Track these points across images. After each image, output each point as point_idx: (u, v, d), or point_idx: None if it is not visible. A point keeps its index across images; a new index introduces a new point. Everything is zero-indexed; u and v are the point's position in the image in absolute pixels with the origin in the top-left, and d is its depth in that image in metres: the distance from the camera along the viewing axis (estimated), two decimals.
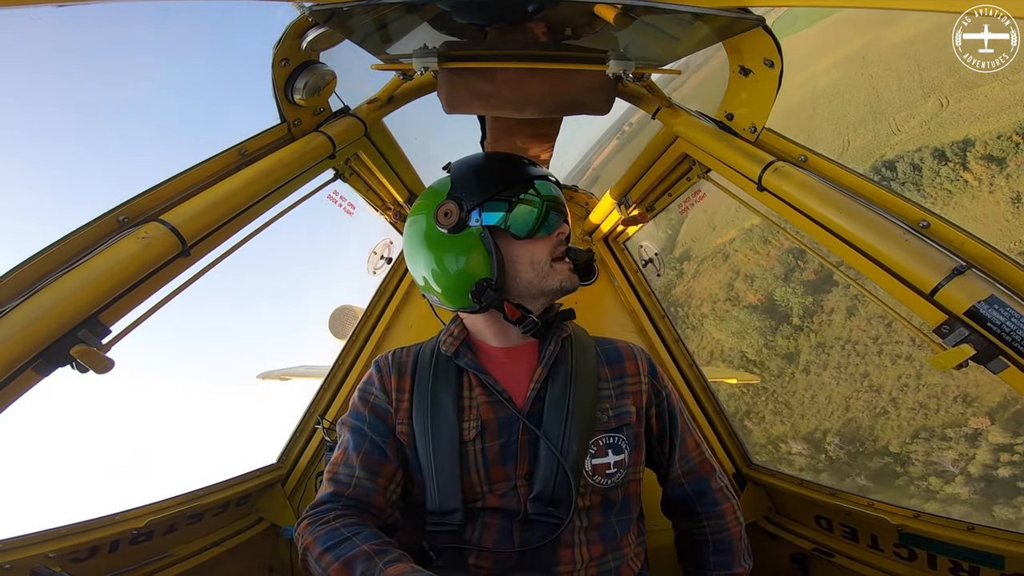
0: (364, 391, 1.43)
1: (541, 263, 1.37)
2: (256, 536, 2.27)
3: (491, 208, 1.35)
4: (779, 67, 1.51)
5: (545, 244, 1.39)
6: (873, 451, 34.65)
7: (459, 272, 1.36)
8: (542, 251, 1.38)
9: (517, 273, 1.37)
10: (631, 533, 1.39)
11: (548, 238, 1.39)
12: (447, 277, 1.38)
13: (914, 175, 39.97)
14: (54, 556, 1.53)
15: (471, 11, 1.54)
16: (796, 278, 42.19)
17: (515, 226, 1.35)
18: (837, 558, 2.03)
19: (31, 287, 1.16)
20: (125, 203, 1.38)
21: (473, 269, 1.35)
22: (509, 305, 1.37)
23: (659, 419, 1.50)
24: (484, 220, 1.35)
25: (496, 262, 1.34)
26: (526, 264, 1.37)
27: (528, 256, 1.37)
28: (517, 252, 1.37)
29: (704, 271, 50.02)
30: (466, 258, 1.35)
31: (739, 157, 1.58)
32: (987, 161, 37.93)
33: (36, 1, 1.03)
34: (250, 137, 1.64)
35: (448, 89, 1.70)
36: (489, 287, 1.34)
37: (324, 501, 1.29)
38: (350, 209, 2.24)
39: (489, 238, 1.34)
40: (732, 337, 44.48)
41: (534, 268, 1.37)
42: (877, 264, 1.31)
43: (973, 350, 1.16)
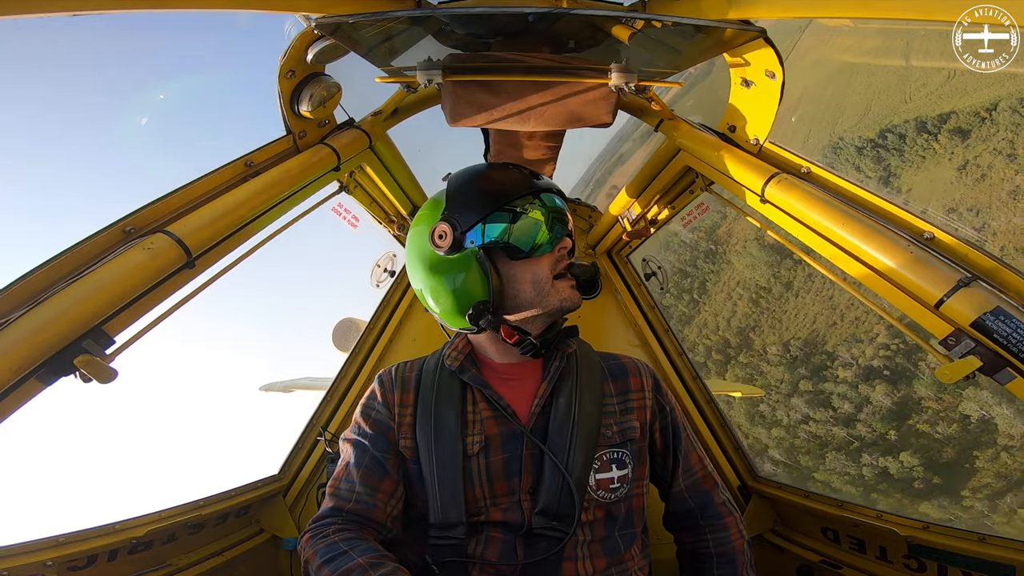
0: (367, 406, 1.43)
1: (542, 281, 1.34)
2: (256, 547, 2.25)
3: (486, 228, 1.33)
4: (781, 79, 1.52)
5: (546, 261, 1.35)
6: (819, 352, 51.33)
7: (456, 293, 1.35)
8: (543, 268, 1.35)
9: (517, 292, 1.35)
10: (635, 547, 1.37)
11: (549, 255, 1.36)
12: (445, 298, 1.37)
13: (899, 143, 48.38)
14: (51, 564, 1.52)
15: (475, 24, 1.56)
16: None
17: (513, 245, 1.33)
18: (845, 570, 2.00)
19: (36, 297, 1.17)
20: (131, 214, 1.39)
21: (470, 290, 1.34)
22: (506, 328, 1.36)
23: (663, 434, 1.48)
24: (479, 241, 1.33)
25: (492, 284, 1.32)
26: (527, 283, 1.34)
27: (529, 274, 1.34)
28: (517, 270, 1.34)
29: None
30: (463, 279, 1.34)
31: (742, 169, 1.59)
32: (954, 134, 46.47)
33: (48, 11, 1.04)
34: (256, 149, 1.66)
35: (452, 101, 1.71)
36: (486, 310, 1.33)
37: (325, 515, 1.29)
38: (354, 222, 2.25)
39: (485, 260, 1.32)
40: (747, 269, 58.49)
41: (535, 287, 1.34)
42: (882, 276, 1.30)
43: (980, 361, 1.15)
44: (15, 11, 1.02)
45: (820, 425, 44.64)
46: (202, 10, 1.29)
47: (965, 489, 36.14)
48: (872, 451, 40.87)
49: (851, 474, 40.70)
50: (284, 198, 1.63)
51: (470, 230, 1.33)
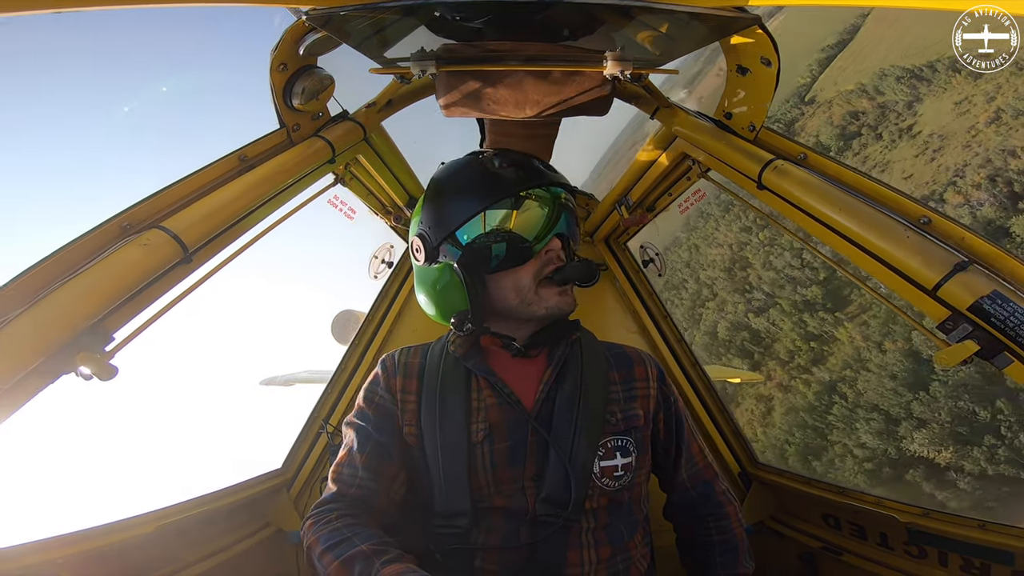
0: (369, 391, 1.42)
1: (524, 289, 1.32)
2: (262, 541, 2.27)
3: (460, 238, 1.33)
4: (776, 65, 1.50)
5: (529, 268, 1.33)
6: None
7: (438, 301, 1.38)
8: (525, 277, 1.32)
9: (501, 300, 1.34)
10: (638, 534, 1.38)
11: (533, 260, 1.33)
12: (430, 304, 1.40)
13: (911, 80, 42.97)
14: (62, 562, 1.53)
15: (468, 14, 1.54)
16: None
17: (490, 255, 1.31)
18: (846, 556, 2.02)
19: (34, 295, 1.17)
20: (127, 210, 1.39)
21: (450, 300, 1.35)
22: (487, 337, 1.37)
23: (666, 424, 1.49)
24: (453, 254, 1.33)
25: (472, 295, 1.31)
26: (509, 291, 1.33)
27: (511, 282, 1.32)
28: (499, 279, 1.33)
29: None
30: (443, 289, 1.35)
31: (738, 156, 1.58)
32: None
33: (35, 8, 1.03)
34: (250, 142, 1.65)
35: (446, 92, 1.70)
36: (466, 319, 1.33)
37: (328, 501, 1.29)
38: (351, 214, 2.25)
39: (460, 272, 1.31)
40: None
41: (518, 295, 1.33)
42: (879, 261, 1.30)
43: (977, 346, 1.15)
44: (5, 8, 1.01)
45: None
46: (192, 5, 1.28)
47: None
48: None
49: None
50: (279, 191, 1.63)
51: (442, 243, 1.34)
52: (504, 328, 1.38)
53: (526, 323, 1.38)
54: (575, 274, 1.35)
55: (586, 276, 1.37)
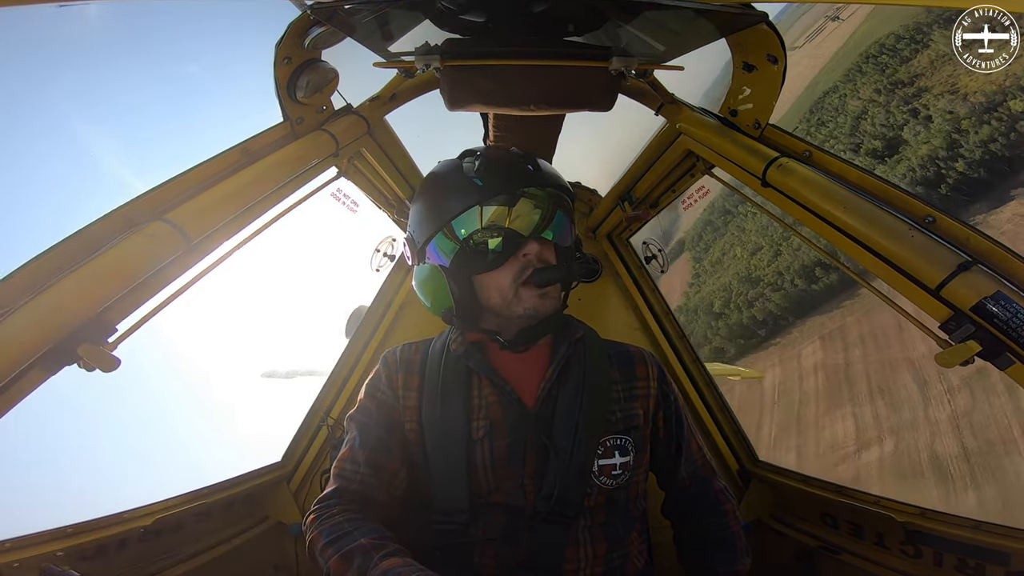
0: (371, 387, 1.43)
1: (504, 290, 1.34)
2: (262, 534, 2.28)
3: (437, 247, 1.37)
4: (783, 63, 1.50)
5: (508, 270, 1.33)
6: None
7: (431, 297, 1.41)
8: (505, 279, 1.34)
9: (486, 299, 1.37)
10: (635, 531, 1.39)
11: (513, 261, 1.33)
12: (426, 298, 1.43)
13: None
14: (63, 554, 1.54)
15: (473, 8, 1.54)
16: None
17: (471, 258, 1.34)
18: (843, 555, 2.02)
19: (37, 285, 1.17)
20: (130, 201, 1.39)
21: (439, 297, 1.39)
22: (472, 333, 1.40)
23: (666, 423, 1.49)
24: (437, 257, 1.37)
25: (457, 295, 1.36)
26: (492, 291, 1.35)
27: (493, 283, 1.34)
28: (483, 279, 1.35)
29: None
30: (433, 287, 1.39)
31: (743, 153, 1.57)
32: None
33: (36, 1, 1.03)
34: (253, 135, 1.65)
35: (450, 86, 1.70)
36: (453, 316, 1.39)
37: (330, 496, 1.30)
38: (353, 207, 2.24)
39: (442, 274, 1.36)
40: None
41: (500, 295, 1.34)
42: (882, 260, 1.30)
43: (979, 346, 1.15)
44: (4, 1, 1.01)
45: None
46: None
47: None
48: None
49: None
50: (283, 184, 1.63)
51: (426, 245, 1.38)
52: (494, 324, 1.41)
53: (509, 323, 1.40)
54: (553, 277, 1.35)
55: (565, 279, 1.39)
